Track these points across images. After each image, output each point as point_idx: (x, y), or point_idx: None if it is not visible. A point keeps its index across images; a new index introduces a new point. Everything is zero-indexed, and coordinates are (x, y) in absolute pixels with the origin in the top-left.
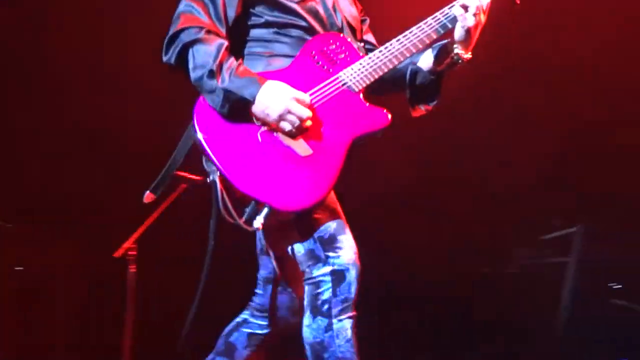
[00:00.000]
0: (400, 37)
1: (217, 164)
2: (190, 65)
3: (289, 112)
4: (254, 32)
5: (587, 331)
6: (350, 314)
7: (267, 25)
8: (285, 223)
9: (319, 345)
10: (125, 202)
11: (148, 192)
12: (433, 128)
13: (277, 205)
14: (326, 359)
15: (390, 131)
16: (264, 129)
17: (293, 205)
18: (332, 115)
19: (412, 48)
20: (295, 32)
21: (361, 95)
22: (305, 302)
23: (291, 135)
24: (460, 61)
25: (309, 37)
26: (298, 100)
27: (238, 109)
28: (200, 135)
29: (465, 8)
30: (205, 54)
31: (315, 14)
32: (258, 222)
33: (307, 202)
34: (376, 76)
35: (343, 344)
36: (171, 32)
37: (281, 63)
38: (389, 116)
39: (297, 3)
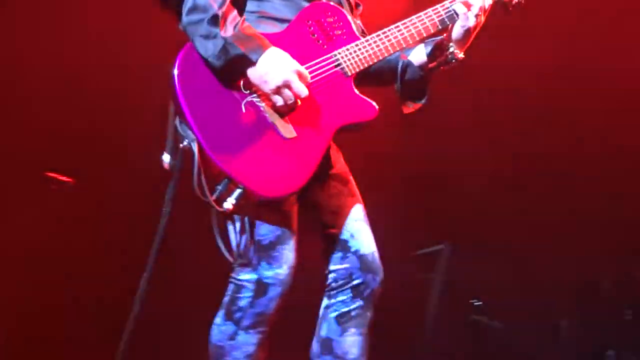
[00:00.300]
0: (399, 24)
1: (196, 130)
2: (189, 5)
3: (288, 86)
4: None
5: (447, 346)
6: (261, 329)
7: None
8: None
9: (219, 349)
10: None
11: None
12: None
13: (253, 188)
14: None
15: None
16: (250, 98)
17: (269, 191)
18: (320, 98)
19: (409, 39)
20: None
21: (353, 80)
22: (224, 300)
23: (280, 113)
24: (454, 60)
25: (305, 2)
26: (300, 76)
27: (232, 66)
28: (180, 95)
29: (468, 6)
30: None
31: None
32: (229, 202)
33: (284, 189)
34: (371, 62)
35: (240, 357)
36: None
37: (270, 27)
38: (377, 108)
39: None
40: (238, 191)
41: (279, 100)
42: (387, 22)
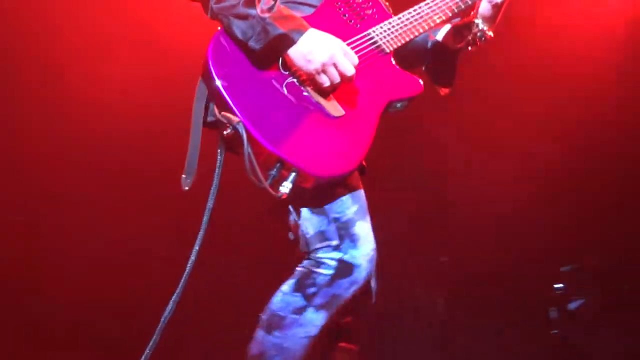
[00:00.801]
0: (429, 1)
1: (240, 115)
2: None
3: (334, 64)
4: None
5: None
6: (332, 312)
7: None
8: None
9: (277, 318)
10: None
11: (183, 176)
12: None
13: (308, 169)
14: (273, 337)
15: None
16: (291, 79)
17: (326, 171)
18: (362, 76)
19: (441, 15)
20: None
21: (392, 58)
22: (297, 270)
23: (324, 93)
24: (483, 38)
25: None
26: (346, 54)
27: (272, 47)
28: (218, 83)
29: None
30: None
31: None
32: (286, 187)
33: (340, 168)
34: (407, 38)
35: (299, 337)
36: None
37: (299, 13)
38: (422, 84)
39: None
40: (292, 175)
41: (324, 81)
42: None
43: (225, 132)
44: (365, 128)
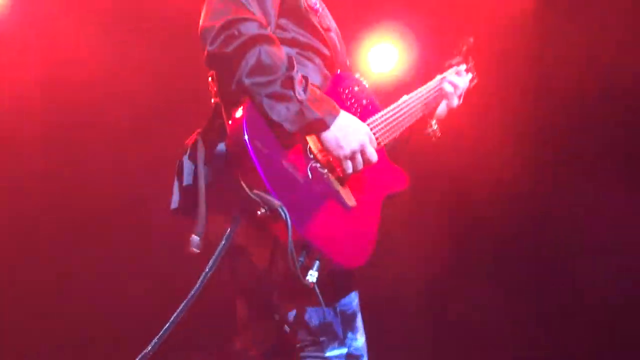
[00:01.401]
0: (412, 95)
1: (279, 199)
2: (251, 65)
3: (363, 151)
4: None
5: None
6: None
7: (292, 43)
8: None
9: None
10: None
11: (193, 235)
12: None
13: (334, 257)
14: None
15: None
16: (313, 164)
17: (352, 261)
18: (368, 168)
19: (420, 110)
20: (317, 60)
21: (385, 150)
22: None
23: (343, 178)
24: (433, 137)
25: (326, 70)
26: (372, 142)
27: (306, 130)
28: (256, 161)
29: (454, 87)
30: (275, 55)
31: (334, 47)
32: (313, 276)
33: (361, 259)
34: (398, 132)
35: None
36: (222, 19)
37: None
38: (408, 178)
39: (325, 30)
40: (316, 263)
41: (349, 167)
42: None
43: (259, 212)
44: (372, 220)
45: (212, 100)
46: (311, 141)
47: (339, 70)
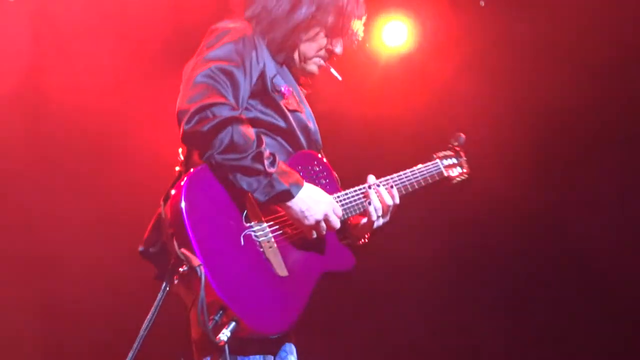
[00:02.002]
0: (365, 186)
1: (202, 259)
2: (225, 144)
3: (327, 219)
4: None
5: None
6: None
7: (254, 122)
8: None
9: None
10: None
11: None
12: None
13: (248, 322)
14: None
15: None
16: (248, 232)
17: (264, 327)
18: (309, 242)
19: (366, 204)
20: (279, 138)
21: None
22: None
23: (278, 248)
24: (354, 245)
25: (290, 148)
26: (335, 211)
27: (274, 201)
28: (186, 222)
29: (376, 209)
30: (246, 135)
31: (304, 127)
32: (225, 335)
33: (277, 327)
34: (350, 215)
35: None
36: (198, 103)
37: None
38: (354, 260)
39: (290, 110)
40: (232, 324)
41: (313, 234)
42: None
43: (181, 269)
44: (302, 293)
45: (177, 169)
46: (250, 210)
47: (305, 148)
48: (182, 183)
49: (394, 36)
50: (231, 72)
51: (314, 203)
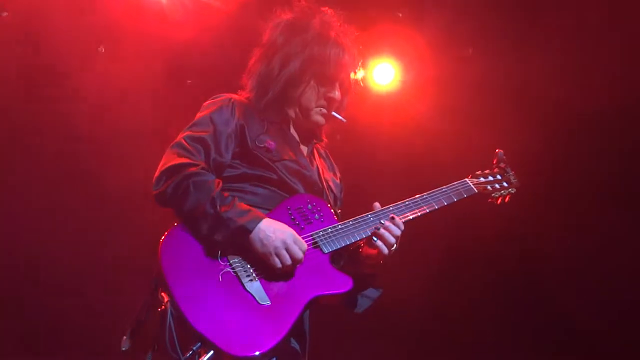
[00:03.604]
0: (374, 212)
1: (174, 295)
2: (185, 196)
3: (287, 248)
4: (230, 182)
5: None
6: None
7: (242, 177)
8: None
9: None
10: None
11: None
12: None
13: (222, 346)
14: None
15: None
16: (227, 269)
17: (238, 351)
18: (297, 271)
19: (368, 231)
20: (270, 186)
21: (329, 258)
22: None
23: (258, 281)
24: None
25: (285, 193)
26: (295, 241)
27: (232, 237)
28: (164, 266)
29: (382, 239)
30: (204, 184)
31: (296, 173)
32: None
33: (252, 349)
34: (347, 242)
35: None
36: (162, 168)
37: None
38: (352, 282)
39: (275, 162)
40: (210, 352)
41: (277, 262)
42: None
43: (159, 309)
44: (285, 318)
45: None
46: (228, 249)
47: (302, 191)
48: (162, 239)
49: (383, 76)
50: (201, 138)
51: (272, 233)
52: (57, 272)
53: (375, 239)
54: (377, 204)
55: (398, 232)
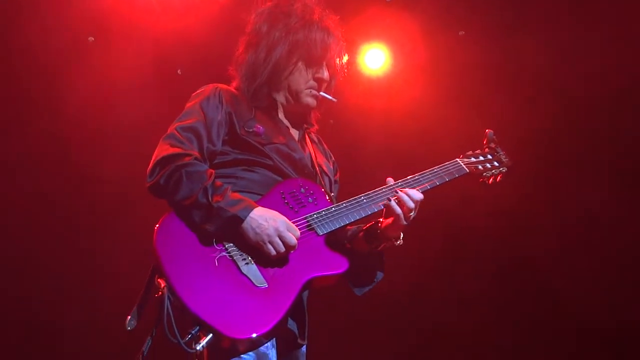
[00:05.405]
0: (366, 194)
1: (171, 280)
2: (178, 185)
3: (280, 236)
4: (222, 168)
5: None
6: None
7: (234, 162)
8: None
9: None
10: None
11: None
12: None
13: (221, 329)
14: None
15: None
16: (223, 254)
17: (237, 333)
18: (293, 254)
19: (374, 207)
20: (261, 170)
21: (324, 239)
22: None
23: (254, 265)
24: (397, 243)
25: (275, 176)
26: (288, 228)
27: (225, 226)
28: (159, 253)
29: (401, 206)
30: (197, 174)
31: (286, 156)
32: (200, 345)
33: (250, 331)
34: (341, 224)
35: None
36: (155, 159)
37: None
38: (347, 262)
39: (264, 145)
40: (209, 336)
41: (271, 250)
42: None
43: (156, 295)
44: (283, 299)
45: None
46: (227, 237)
47: (293, 174)
48: (157, 226)
49: (375, 60)
50: (193, 127)
51: (265, 221)
52: (52, 270)
53: (394, 203)
54: (390, 179)
55: (417, 197)
